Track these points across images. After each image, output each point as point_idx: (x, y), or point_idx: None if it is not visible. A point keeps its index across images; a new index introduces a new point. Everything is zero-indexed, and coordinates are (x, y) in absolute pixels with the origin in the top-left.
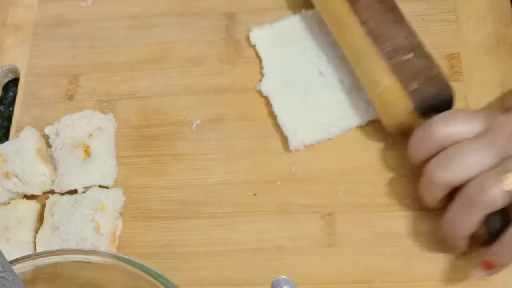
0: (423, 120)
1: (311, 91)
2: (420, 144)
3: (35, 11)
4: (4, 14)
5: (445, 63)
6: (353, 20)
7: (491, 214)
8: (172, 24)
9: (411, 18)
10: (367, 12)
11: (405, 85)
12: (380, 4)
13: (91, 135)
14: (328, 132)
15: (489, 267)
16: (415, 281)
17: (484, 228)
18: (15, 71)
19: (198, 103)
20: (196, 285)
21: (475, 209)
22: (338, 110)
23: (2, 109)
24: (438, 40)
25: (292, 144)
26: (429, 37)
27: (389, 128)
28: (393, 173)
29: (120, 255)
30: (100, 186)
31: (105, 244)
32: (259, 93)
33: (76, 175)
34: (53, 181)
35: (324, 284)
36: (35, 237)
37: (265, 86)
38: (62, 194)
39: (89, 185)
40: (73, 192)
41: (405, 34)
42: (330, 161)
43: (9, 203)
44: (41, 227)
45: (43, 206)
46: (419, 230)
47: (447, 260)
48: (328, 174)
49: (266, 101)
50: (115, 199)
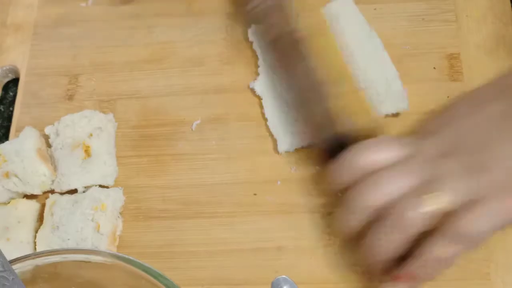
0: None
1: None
2: (341, 172)
3: (35, 11)
4: (4, 14)
5: (445, 63)
6: None
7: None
8: (172, 24)
9: (411, 18)
10: None
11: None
12: None
13: (91, 135)
14: None
15: (398, 279)
16: None
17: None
18: (15, 71)
19: (198, 103)
20: (196, 285)
21: (396, 232)
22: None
23: (2, 109)
24: (438, 40)
25: (281, 146)
26: (429, 37)
27: None
28: None
29: (120, 254)
30: (100, 186)
31: (105, 244)
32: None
33: (76, 175)
34: (53, 181)
35: (324, 284)
36: (35, 237)
37: (259, 86)
38: (62, 193)
39: (89, 185)
40: (73, 192)
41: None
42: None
43: (9, 203)
44: (41, 227)
45: (43, 206)
46: None
47: None
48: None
49: None
50: (115, 198)
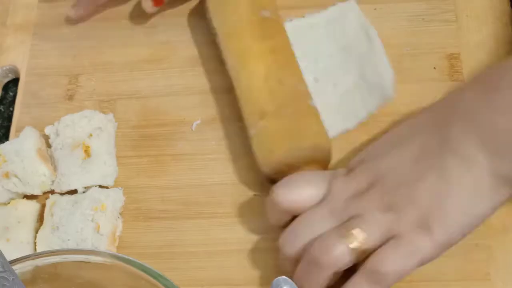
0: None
1: None
2: (270, 213)
3: (35, 11)
4: (4, 14)
5: (445, 63)
6: None
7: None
8: (172, 24)
9: (411, 18)
10: None
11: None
12: None
13: (91, 135)
14: None
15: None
16: (415, 281)
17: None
18: (15, 71)
19: (198, 103)
20: (196, 285)
21: (321, 269)
22: (332, 115)
23: (2, 109)
24: (438, 40)
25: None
26: (429, 37)
27: None
28: None
29: (120, 255)
30: (100, 186)
31: (105, 244)
32: None
33: (76, 175)
34: (53, 181)
35: None
36: (35, 237)
37: None
38: (62, 194)
39: (89, 185)
40: (73, 192)
41: None
42: None
43: (9, 203)
44: (41, 227)
45: (43, 206)
46: None
47: (447, 260)
48: None
49: None
50: (115, 199)
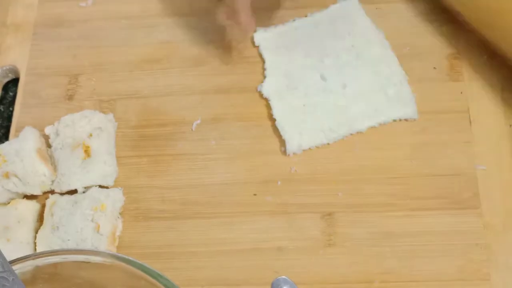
0: None
1: (312, 95)
2: None
3: (35, 11)
4: (4, 14)
5: (445, 63)
6: None
7: None
8: (172, 24)
9: (411, 18)
10: None
11: None
12: None
13: (91, 135)
14: (326, 138)
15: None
16: (415, 281)
17: None
18: (15, 71)
19: (198, 103)
20: (195, 285)
21: None
22: (339, 116)
23: (2, 109)
24: (438, 40)
25: (289, 148)
26: (429, 37)
27: None
28: (393, 173)
29: (120, 255)
30: (100, 186)
31: (105, 244)
32: (259, 93)
33: (76, 175)
34: (53, 181)
35: (324, 284)
36: (35, 237)
37: (266, 88)
38: (62, 194)
39: (89, 185)
40: (73, 192)
41: None
42: (330, 161)
43: (9, 203)
44: (41, 227)
45: (43, 206)
46: (419, 230)
47: (447, 260)
48: (328, 174)
49: (267, 102)
50: (115, 199)
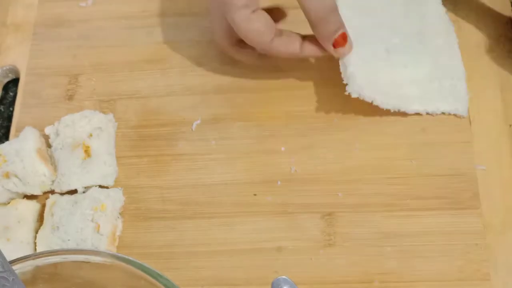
0: None
1: (375, 60)
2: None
3: (35, 11)
4: (4, 14)
5: None
6: None
7: None
8: (172, 24)
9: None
10: None
11: None
12: None
13: (91, 135)
14: (379, 96)
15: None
16: (415, 281)
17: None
18: (15, 71)
19: (198, 103)
20: (195, 285)
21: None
22: (394, 89)
23: (2, 109)
24: None
25: (350, 86)
26: None
27: None
28: (393, 173)
29: (120, 255)
30: (100, 186)
31: (105, 244)
32: (259, 93)
33: (76, 175)
34: (53, 181)
35: (324, 284)
36: (35, 237)
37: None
38: (62, 194)
39: (89, 185)
40: (73, 192)
41: None
42: (330, 161)
43: (9, 203)
44: (41, 227)
45: (43, 206)
46: (419, 230)
47: (447, 260)
48: (328, 174)
49: (266, 101)
50: (115, 199)
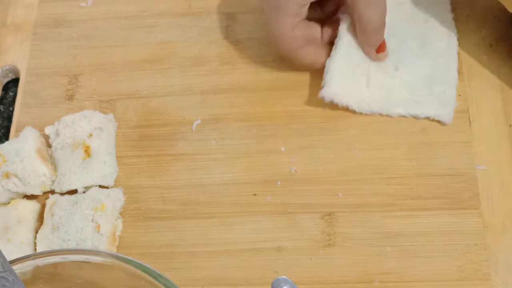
0: None
1: (363, 62)
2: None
3: (35, 11)
4: (4, 14)
5: None
6: None
7: None
8: (172, 24)
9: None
10: None
11: None
12: None
13: (91, 135)
14: (357, 104)
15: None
16: (415, 281)
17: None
18: (15, 71)
19: (198, 103)
20: (195, 285)
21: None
22: (377, 92)
23: (2, 109)
24: None
25: (325, 90)
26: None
27: None
28: (393, 173)
29: (120, 255)
30: (100, 186)
31: (105, 244)
32: (259, 93)
33: (76, 175)
34: (53, 181)
35: (324, 284)
36: (35, 237)
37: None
38: (62, 194)
39: (89, 185)
40: (73, 192)
41: None
42: (330, 161)
43: (9, 203)
44: (41, 227)
45: (43, 206)
46: (419, 230)
47: (447, 260)
48: (328, 174)
49: (266, 101)
50: (115, 199)
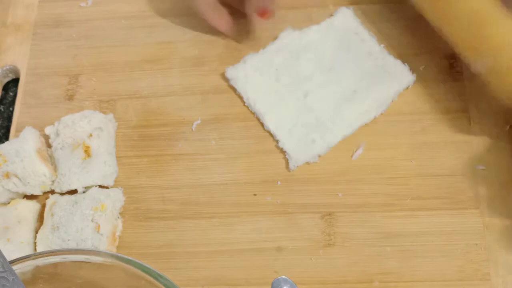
0: None
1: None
2: None
3: (35, 11)
4: (4, 14)
5: (445, 63)
6: None
7: None
8: (172, 24)
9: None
10: None
11: None
12: None
13: (91, 135)
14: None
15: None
16: (415, 281)
17: None
18: (15, 71)
19: (198, 103)
20: (195, 285)
21: None
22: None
23: (2, 109)
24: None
25: (293, 163)
26: (429, 37)
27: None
28: (393, 173)
29: (120, 255)
30: (100, 186)
31: (105, 244)
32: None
33: (76, 175)
34: (53, 181)
35: (324, 284)
36: (35, 237)
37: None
38: (62, 194)
39: (89, 185)
40: (73, 192)
41: None
42: (330, 161)
43: (9, 203)
44: (41, 227)
45: (43, 206)
46: (419, 230)
47: (447, 260)
48: (328, 174)
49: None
50: (115, 199)
